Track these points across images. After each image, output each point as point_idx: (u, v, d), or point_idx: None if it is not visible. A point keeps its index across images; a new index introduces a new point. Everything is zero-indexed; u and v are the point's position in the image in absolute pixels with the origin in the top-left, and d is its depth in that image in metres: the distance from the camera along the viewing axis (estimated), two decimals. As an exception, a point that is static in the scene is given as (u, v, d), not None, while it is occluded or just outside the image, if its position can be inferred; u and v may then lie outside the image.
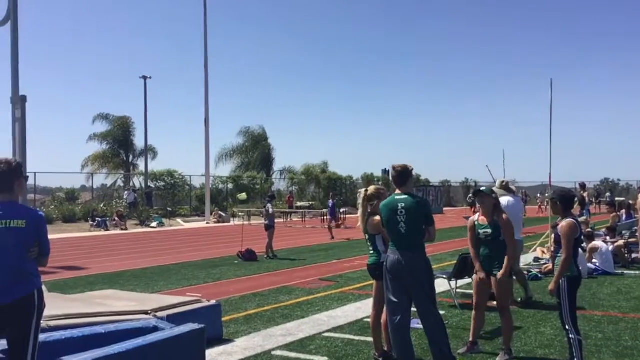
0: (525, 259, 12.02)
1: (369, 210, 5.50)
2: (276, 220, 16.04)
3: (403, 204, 4.97)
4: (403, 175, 5.14)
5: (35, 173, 28.96)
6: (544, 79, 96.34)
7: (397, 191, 5.12)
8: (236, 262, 13.73)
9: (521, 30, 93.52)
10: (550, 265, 9.74)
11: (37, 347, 3.80)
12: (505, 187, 8.62)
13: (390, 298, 5.03)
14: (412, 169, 5.20)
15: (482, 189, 5.92)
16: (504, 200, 8.42)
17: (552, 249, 5.48)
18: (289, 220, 31.47)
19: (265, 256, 14.41)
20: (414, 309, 5.09)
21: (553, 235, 5.42)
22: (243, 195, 20.23)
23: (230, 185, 40.36)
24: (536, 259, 12.57)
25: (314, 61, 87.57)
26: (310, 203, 39.74)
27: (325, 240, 19.41)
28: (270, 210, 15.20)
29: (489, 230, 5.62)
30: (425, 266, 5.00)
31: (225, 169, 47.67)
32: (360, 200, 5.57)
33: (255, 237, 17.60)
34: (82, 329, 4.88)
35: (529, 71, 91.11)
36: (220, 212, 32.02)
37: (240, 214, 31.02)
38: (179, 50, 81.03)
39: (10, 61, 11.21)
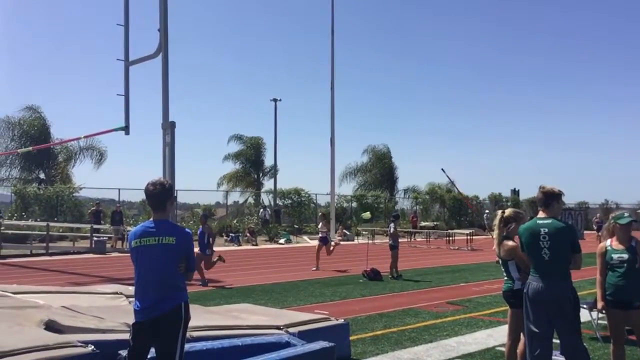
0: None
1: (504, 234, 5.29)
2: (400, 240, 15.96)
3: (546, 229, 4.68)
4: (549, 197, 4.82)
5: (177, 190, 31.30)
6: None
7: (540, 214, 4.84)
8: (361, 280, 13.83)
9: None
10: None
11: (183, 357, 4.03)
12: None
13: (530, 327, 4.77)
14: (561, 194, 4.84)
15: (629, 217, 5.24)
16: None
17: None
18: (412, 240, 31.09)
19: (390, 276, 14.36)
20: (555, 340, 4.80)
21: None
22: (367, 214, 20.30)
23: (354, 204, 40.78)
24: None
25: (437, 79, 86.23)
26: (435, 223, 38.95)
27: (451, 262, 18.92)
28: (392, 230, 15.20)
29: (625, 256, 5.11)
30: (571, 295, 4.68)
31: (349, 188, 48.30)
32: (496, 222, 5.36)
33: (379, 256, 17.57)
34: (221, 340, 5.17)
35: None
36: (344, 231, 32.45)
37: (364, 232, 31.20)
38: (306, 70, 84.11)
39: (161, 91, 12.38)
